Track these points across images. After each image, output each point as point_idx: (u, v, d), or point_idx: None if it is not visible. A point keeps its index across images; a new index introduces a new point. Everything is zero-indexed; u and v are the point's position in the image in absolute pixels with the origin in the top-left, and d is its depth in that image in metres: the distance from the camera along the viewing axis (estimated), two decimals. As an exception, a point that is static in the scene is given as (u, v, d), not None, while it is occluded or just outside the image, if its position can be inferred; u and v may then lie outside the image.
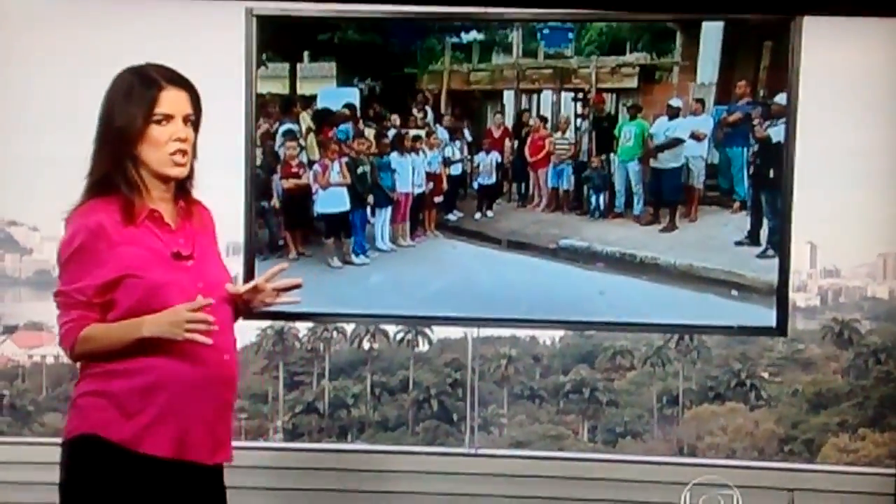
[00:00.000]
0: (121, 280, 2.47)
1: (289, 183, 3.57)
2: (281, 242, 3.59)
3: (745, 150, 3.45)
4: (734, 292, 3.46)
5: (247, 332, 2.69)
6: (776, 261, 3.45)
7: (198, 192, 2.66)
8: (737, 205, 3.47)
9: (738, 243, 3.47)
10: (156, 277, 2.50)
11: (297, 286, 2.75)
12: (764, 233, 3.45)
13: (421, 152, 3.57)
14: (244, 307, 2.73)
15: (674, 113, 3.47)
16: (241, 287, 2.73)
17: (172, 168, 2.54)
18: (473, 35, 3.52)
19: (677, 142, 3.48)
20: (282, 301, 2.75)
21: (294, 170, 3.57)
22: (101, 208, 2.48)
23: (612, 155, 3.52)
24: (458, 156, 3.58)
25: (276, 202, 3.58)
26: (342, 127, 3.56)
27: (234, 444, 2.66)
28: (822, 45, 3.46)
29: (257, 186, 3.55)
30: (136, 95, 2.50)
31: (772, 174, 3.45)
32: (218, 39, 3.68)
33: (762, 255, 3.46)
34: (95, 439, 2.47)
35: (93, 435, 2.47)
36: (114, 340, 2.48)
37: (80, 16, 3.90)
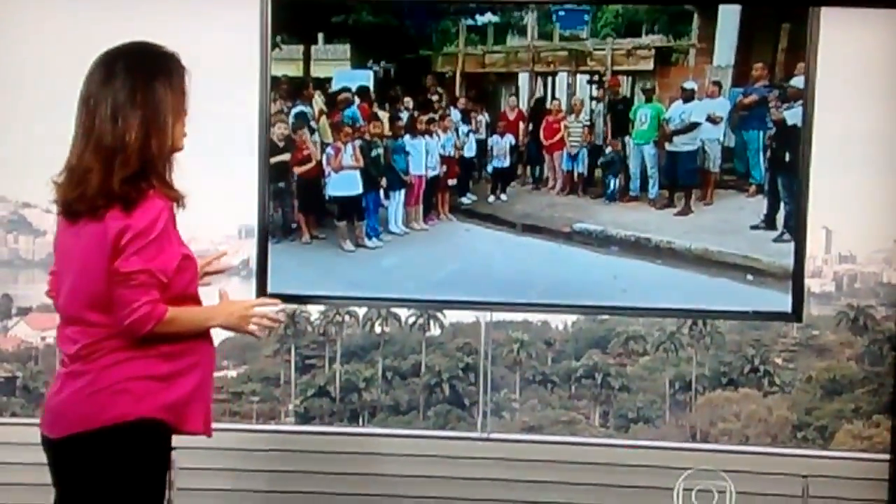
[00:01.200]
0: (183, 261, 2.49)
1: (301, 167, 3.56)
2: (294, 225, 3.58)
3: (762, 133, 3.42)
4: (749, 277, 3.45)
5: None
6: (792, 245, 3.43)
7: (212, 175, 2.67)
8: (753, 188, 3.45)
9: (754, 227, 3.45)
10: (195, 260, 2.57)
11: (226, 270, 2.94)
12: (780, 217, 3.43)
13: (435, 135, 3.55)
14: None
15: (689, 95, 3.44)
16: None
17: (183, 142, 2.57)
18: (488, 17, 3.50)
19: (694, 126, 3.46)
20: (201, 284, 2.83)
21: (306, 153, 3.56)
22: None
23: (627, 138, 3.50)
24: (474, 129, 3.55)
25: (290, 184, 3.57)
26: (348, 111, 3.54)
27: (247, 426, 2.71)
28: (839, 27, 3.42)
29: (271, 169, 3.54)
30: (178, 75, 2.51)
31: (788, 158, 3.42)
32: (233, 21, 3.66)
33: (778, 240, 3.44)
34: (155, 423, 2.47)
35: (151, 419, 2.46)
36: (192, 326, 2.52)
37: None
